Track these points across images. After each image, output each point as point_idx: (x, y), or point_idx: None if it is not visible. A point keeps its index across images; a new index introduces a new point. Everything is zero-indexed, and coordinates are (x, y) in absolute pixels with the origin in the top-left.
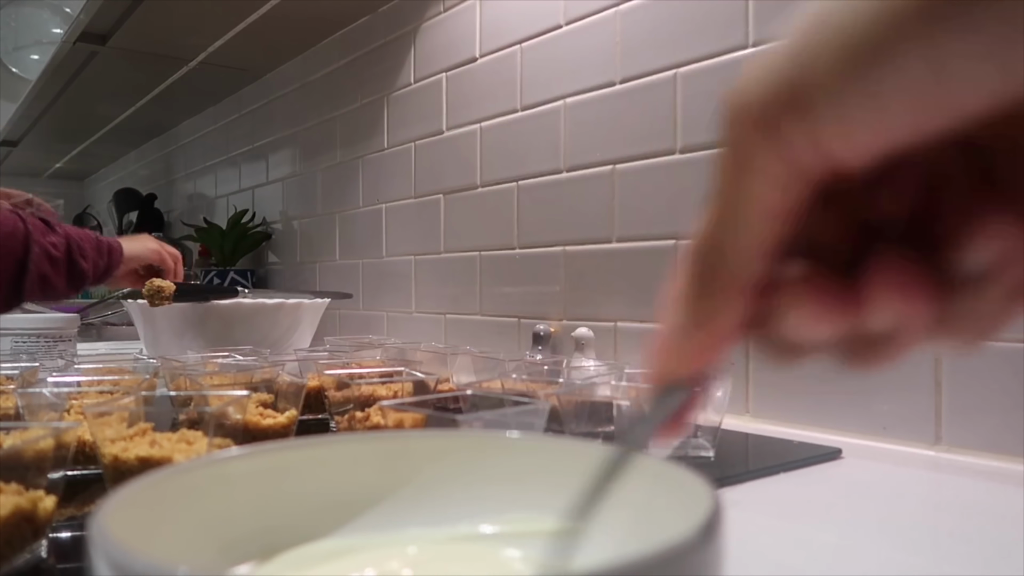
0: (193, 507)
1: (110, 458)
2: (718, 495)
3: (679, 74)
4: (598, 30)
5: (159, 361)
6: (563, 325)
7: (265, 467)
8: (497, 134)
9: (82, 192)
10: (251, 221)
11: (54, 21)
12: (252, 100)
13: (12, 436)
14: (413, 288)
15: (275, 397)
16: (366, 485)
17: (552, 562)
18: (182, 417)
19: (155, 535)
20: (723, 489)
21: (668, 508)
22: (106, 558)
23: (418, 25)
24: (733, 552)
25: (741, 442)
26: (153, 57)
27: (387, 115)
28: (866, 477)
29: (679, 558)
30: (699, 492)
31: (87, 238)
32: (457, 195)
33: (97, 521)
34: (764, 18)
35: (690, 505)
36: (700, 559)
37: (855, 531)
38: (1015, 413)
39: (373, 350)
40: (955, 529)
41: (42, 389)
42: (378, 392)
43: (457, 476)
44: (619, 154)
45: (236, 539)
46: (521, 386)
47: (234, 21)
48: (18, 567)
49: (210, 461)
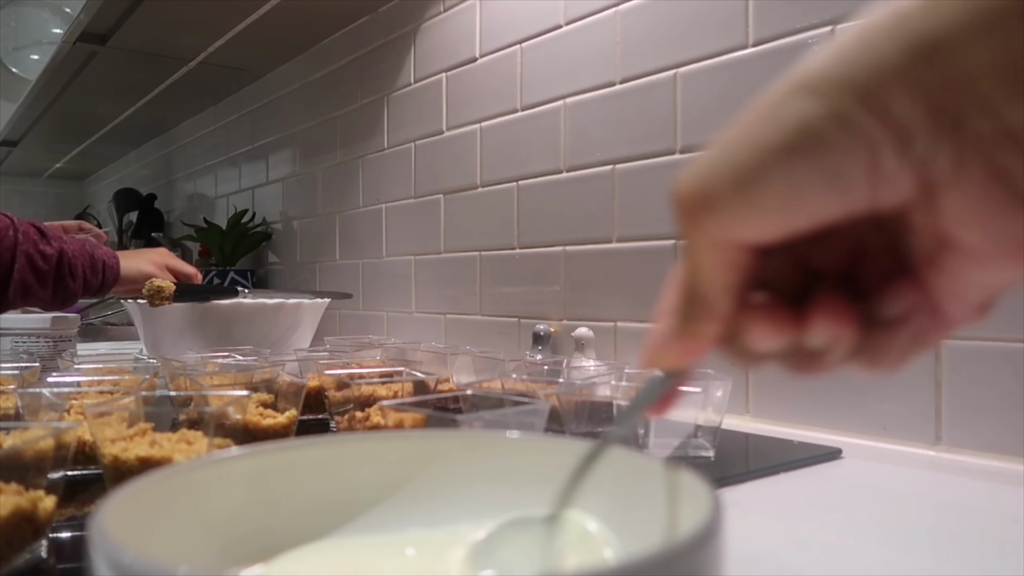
0: (193, 507)
1: (110, 458)
2: (719, 496)
3: (679, 74)
4: (598, 30)
5: (159, 361)
6: (563, 325)
7: (265, 467)
8: (497, 134)
9: (82, 192)
10: (251, 221)
11: (54, 21)
12: (252, 100)
13: (12, 436)
14: (413, 288)
15: (275, 397)
16: (366, 485)
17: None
18: (182, 417)
19: (155, 535)
20: (723, 489)
21: (670, 510)
22: (106, 558)
23: (418, 25)
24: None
25: (741, 442)
26: (153, 57)
27: (387, 115)
28: (866, 477)
29: (679, 558)
30: (700, 493)
31: (81, 254)
32: (457, 195)
33: (97, 521)
34: (764, 18)
35: (691, 507)
36: (700, 559)
37: (855, 531)
38: (1015, 413)
39: (373, 350)
40: (955, 529)
41: (42, 389)
42: (378, 392)
43: (457, 476)
44: (619, 154)
45: (236, 539)
46: (521, 386)
47: (234, 21)
48: (18, 567)
49: (210, 461)
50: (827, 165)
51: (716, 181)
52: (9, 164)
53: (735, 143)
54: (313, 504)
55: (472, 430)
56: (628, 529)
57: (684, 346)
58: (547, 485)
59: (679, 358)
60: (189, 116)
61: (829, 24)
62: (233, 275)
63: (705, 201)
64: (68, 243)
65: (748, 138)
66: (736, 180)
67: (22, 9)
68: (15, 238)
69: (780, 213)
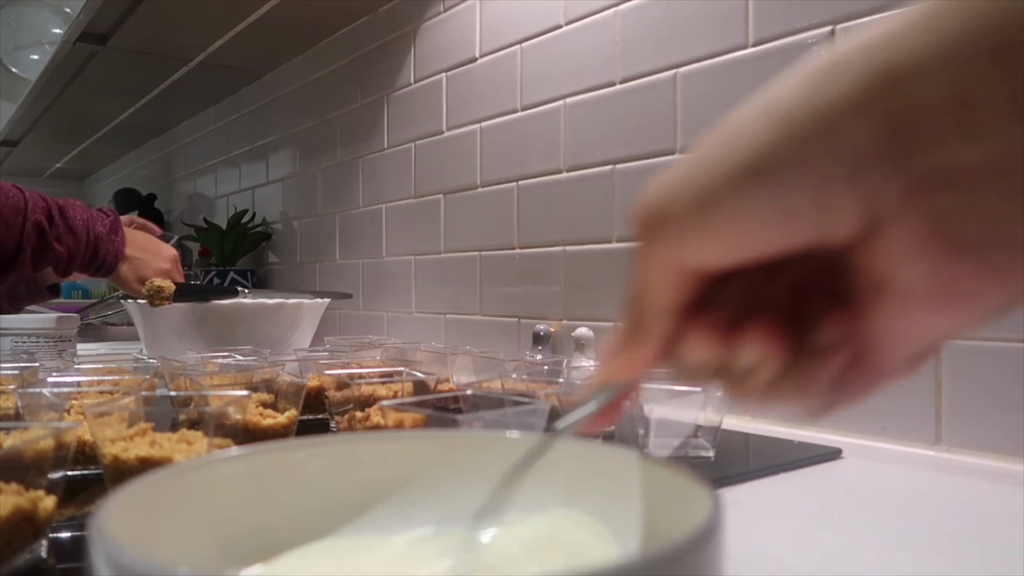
0: (193, 507)
1: (110, 458)
2: (718, 497)
3: (679, 74)
4: (598, 30)
5: (159, 361)
6: (563, 325)
7: (265, 467)
8: (497, 134)
9: (82, 192)
10: (251, 221)
11: (54, 21)
12: (252, 100)
13: (12, 436)
14: (413, 288)
15: (275, 397)
16: (366, 486)
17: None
18: (182, 417)
19: (155, 535)
20: (723, 489)
21: (669, 510)
22: (106, 558)
23: (418, 25)
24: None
25: (741, 442)
26: (153, 57)
27: (387, 115)
28: (866, 477)
29: (678, 558)
30: (700, 495)
31: (80, 228)
32: (457, 195)
33: (97, 521)
34: (764, 18)
35: (691, 507)
36: (699, 560)
37: (855, 531)
38: (1015, 413)
39: (373, 350)
40: (955, 529)
41: (42, 389)
42: (378, 392)
43: (458, 476)
44: (619, 154)
45: (236, 538)
46: (521, 386)
47: (234, 21)
48: (18, 567)
49: (210, 461)
50: (776, 193)
51: (674, 202)
52: (9, 164)
53: (697, 164)
54: (313, 504)
55: (472, 430)
56: (626, 530)
57: (628, 360)
58: (546, 485)
59: (623, 371)
60: (189, 116)
61: (829, 24)
62: (233, 275)
63: (662, 220)
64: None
65: (708, 161)
66: (691, 203)
67: (22, 9)
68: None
69: (730, 240)
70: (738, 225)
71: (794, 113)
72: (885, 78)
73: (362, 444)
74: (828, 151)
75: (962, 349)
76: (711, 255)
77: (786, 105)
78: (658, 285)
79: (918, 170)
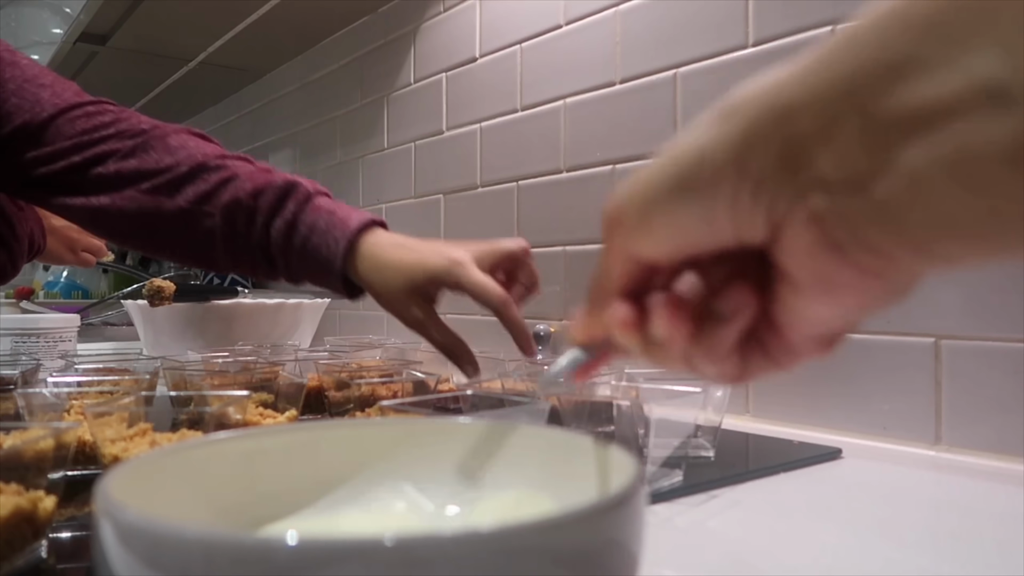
0: (190, 480)
1: (110, 458)
2: (638, 465)
3: (679, 74)
4: (598, 30)
5: (159, 361)
6: (563, 325)
7: (256, 447)
8: (497, 134)
9: None
10: None
11: (54, 21)
12: (252, 100)
13: (12, 436)
14: None
15: (275, 397)
16: (346, 464)
17: None
18: (182, 417)
19: (153, 504)
20: (723, 489)
21: (608, 484)
22: (109, 517)
23: (418, 25)
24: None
25: (741, 442)
26: (153, 57)
27: (387, 115)
28: (866, 477)
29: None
30: (623, 463)
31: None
32: (457, 195)
33: (102, 486)
34: (764, 18)
35: (612, 474)
36: (615, 519)
37: (855, 531)
38: (1015, 413)
39: (373, 350)
40: (955, 529)
41: (42, 389)
42: (378, 392)
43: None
44: (619, 154)
45: (227, 509)
46: (521, 386)
47: (234, 21)
48: (18, 567)
49: (206, 441)
50: (699, 207)
51: (626, 207)
52: None
53: (646, 177)
54: (298, 480)
55: (442, 417)
56: (567, 498)
57: (589, 325)
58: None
59: (585, 335)
60: (189, 116)
61: (829, 24)
62: (233, 275)
63: (618, 220)
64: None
65: (653, 175)
66: (638, 209)
67: (22, 9)
68: None
69: (666, 240)
70: (670, 230)
71: (713, 143)
72: (784, 111)
73: (343, 429)
74: (736, 175)
75: (962, 349)
76: (652, 250)
77: (709, 136)
78: (613, 270)
79: (802, 181)
